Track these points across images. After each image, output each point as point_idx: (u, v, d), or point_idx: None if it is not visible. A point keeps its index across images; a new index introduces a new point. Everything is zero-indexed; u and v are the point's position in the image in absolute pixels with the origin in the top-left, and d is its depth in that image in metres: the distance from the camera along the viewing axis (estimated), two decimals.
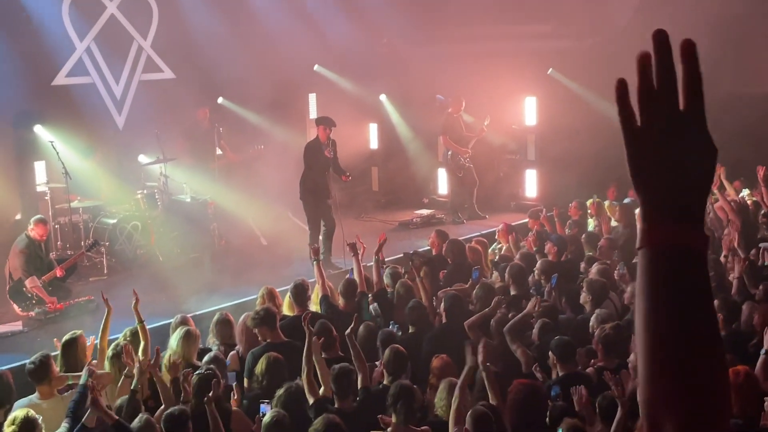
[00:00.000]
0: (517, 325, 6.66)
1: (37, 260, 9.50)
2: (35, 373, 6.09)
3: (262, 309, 7.03)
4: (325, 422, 5.15)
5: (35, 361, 6.11)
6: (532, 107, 13.80)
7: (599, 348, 6.33)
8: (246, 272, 10.45)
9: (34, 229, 9.44)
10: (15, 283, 9.34)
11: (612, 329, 6.37)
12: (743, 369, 5.23)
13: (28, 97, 11.21)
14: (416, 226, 13.16)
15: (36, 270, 9.40)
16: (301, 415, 5.50)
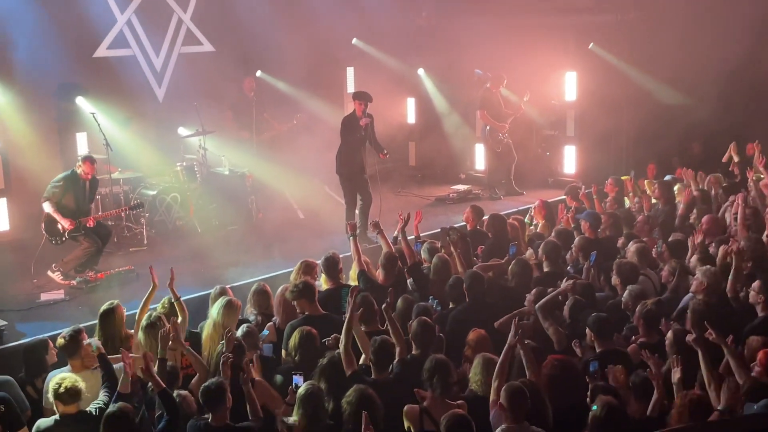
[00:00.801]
0: (549, 304, 6.63)
1: (73, 194, 9.49)
2: (66, 348, 6.20)
3: (300, 282, 7.08)
4: (358, 394, 5.19)
5: (66, 336, 6.22)
6: (573, 82, 13.63)
7: (641, 323, 6.29)
8: (283, 245, 10.53)
9: (81, 165, 9.50)
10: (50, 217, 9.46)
11: (654, 304, 6.33)
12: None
13: (70, 69, 11.32)
14: (452, 201, 13.13)
15: (72, 205, 9.46)
16: (340, 385, 5.53)
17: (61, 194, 9.42)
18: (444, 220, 11.20)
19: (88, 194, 9.72)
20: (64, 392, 5.46)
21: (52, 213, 9.36)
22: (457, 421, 4.62)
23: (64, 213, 9.39)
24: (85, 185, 9.63)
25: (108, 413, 5.08)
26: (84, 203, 9.64)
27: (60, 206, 9.39)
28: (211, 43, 13.16)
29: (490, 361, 5.55)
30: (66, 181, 9.51)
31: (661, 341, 6.10)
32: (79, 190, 9.56)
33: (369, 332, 6.37)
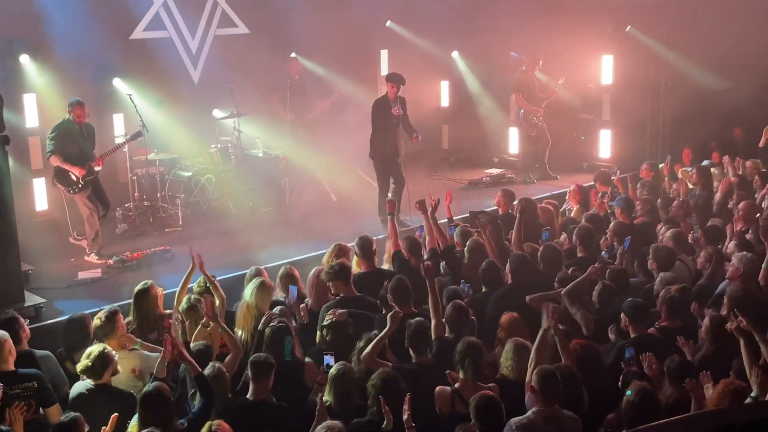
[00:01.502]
0: (577, 289, 6.60)
1: (72, 141, 9.60)
2: (102, 329, 6.28)
3: (337, 263, 7.10)
4: (382, 377, 5.22)
5: (102, 317, 6.30)
6: (609, 66, 13.46)
7: (663, 309, 6.27)
8: (315, 227, 10.58)
9: (72, 111, 9.61)
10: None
11: (678, 291, 6.30)
12: None
13: (107, 50, 11.42)
14: (486, 185, 13.08)
15: (76, 150, 9.59)
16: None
17: (62, 144, 9.54)
18: (476, 204, 11.17)
19: (87, 138, 9.81)
20: (95, 360, 5.57)
21: (62, 165, 9.52)
22: (487, 403, 4.64)
23: (72, 162, 9.54)
24: (81, 130, 9.73)
25: (145, 392, 5.15)
26: (86, 147, 9.74)
27: (66, 156, 9.53)
28: (246, 26, 13.18)
29: (521, 346, 5.55)
30: (60, 130, 9.62)
31: (684, 327, 6.07)
32: (76, 136, 9.67)
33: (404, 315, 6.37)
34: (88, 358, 5.62)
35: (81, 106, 9.62)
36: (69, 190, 9.66)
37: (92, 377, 5.63)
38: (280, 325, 6.03)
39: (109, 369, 5.66)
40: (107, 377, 5.66)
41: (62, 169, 9.54)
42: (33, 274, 8.99)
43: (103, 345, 5.80)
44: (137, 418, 5.11)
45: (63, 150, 9.53)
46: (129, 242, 10.20)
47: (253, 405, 5.44)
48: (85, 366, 5.62)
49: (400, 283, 6.63)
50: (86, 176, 9.62)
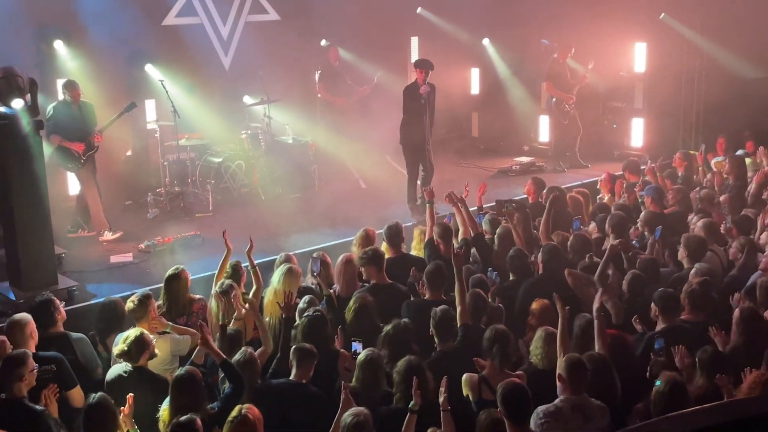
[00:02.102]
0: (604, 271, 6.57)
1: (69, 120, 9.75)
2: (135, 312, 6.33)
3: (371, 249, 7.12)
4: (407, 364, 5.24)
5: (135, 300, 6.35)
6: (642, 53, 13.31)
7: (685, 302, 6.21)
8: (344, 214, 10.59)
9: (66, 92, 9.77)
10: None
11: (699, 285, 6.24)
12: None
13: (139, 36, 11.50)
14: (515, 173, 13.01)
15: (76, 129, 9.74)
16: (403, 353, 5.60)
17: (60, 123, 9.68)
18: (506, 192, 11.12)
19: (86, 117, 9.93)
20: (132, 344, 5.64)
21: (62, 143, 9.66)
22: (514, 391, 4.63)
23: (71, 140, 9.69)
24: (79, 109, 9.86)
25: (178, 376, 5.21)
26: (84, 126, 9.87)
27: (66, 136, 9.67)
28: (277, 12, 13.21)
29: (551, 334, 5.53)
30: (56, 111, 9.78)
31: (707, 322, 6.01)
32: (73, 115, 9.80)
33: (433, 301, 6.38)
34: (124, 343, 5.69)
35: (74, 87, 9.79)
36: (74, 167, 9.81)
37: (129, 361, 5.69)
38: (317, 315, 6.03)
39: (146, 353, 5.72)
40: (143, 361, 5.72)
41: (63, 147, 9.69)
42: (66, 257, 9.12)
43: (140, 329, 5.87)
44: (169, 402, 5.18)
45: (62, 130, 9.68)
46: (160, 227, 10.29)
47: (292, 387, 5.47)
48: (121, 350, 5.68)
49: (437, 269, 6.65)
50: (86, 151, 9.78)
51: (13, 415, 5.22)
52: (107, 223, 9.93)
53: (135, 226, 10.35)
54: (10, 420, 5.18)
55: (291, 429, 5.26)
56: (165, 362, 6.24)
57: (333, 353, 5.98)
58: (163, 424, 5.14)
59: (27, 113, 7.74)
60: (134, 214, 10.94)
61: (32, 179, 7.87)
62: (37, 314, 6.30)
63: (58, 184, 10.42)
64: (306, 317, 6.01)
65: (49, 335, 6.17)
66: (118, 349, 5.75)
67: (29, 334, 5.93)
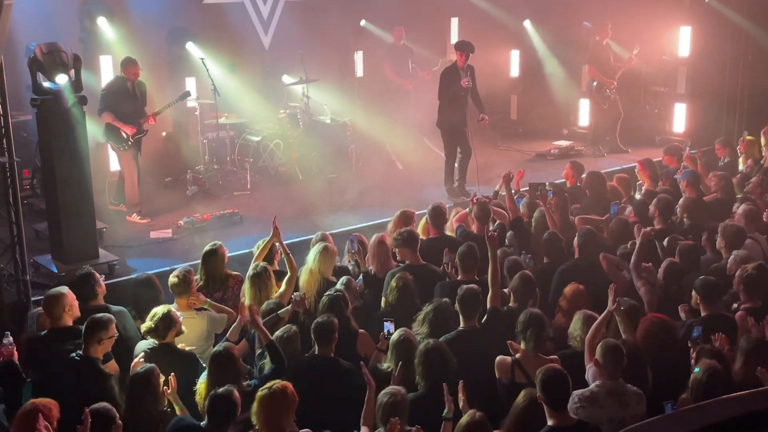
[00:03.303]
0: (640, 260, 6.52)
1: (124, 99, 9.81)
2: (177, 287, 6.39)
3: (406, 230, 7.13)
4: (428, 347, 5.24)
5: (179, 275, 6.41)
6: (686, 37, 13.08)
7: (741, 288, 6.12)
8: (381, 195, 10.62)
9: (126, 69, 9.80)
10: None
11: (755, 269, 6.13)
12: None
13: (180, 14, 11.61)
14: (554, 157, 12.91)
15: (128, 108, 9.80)
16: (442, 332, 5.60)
17: (114, 101, 9.75)
18: (543, 176, 11.00)
19: (140, 97, 9.98)
20: (159, 321, 5.71)
21: (113, 122, 9.72)
22: (555, 375, 4.60)
23: (123, 120, 9.75)
24: (134, 88, 9.90)
25: (215, 352, 5.31)
26: (137, 106, 9.93)
27: (117, 114, 9.74)
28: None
29: (590, 317, 5.50)
30: (112, 88, 9.86)
31: (765, 306, 5.92)
32: (128, 95, 9.85)
33: (465, 281, 6.39)
34: (152, 320, 5.77)
35: (135, 65, 9.80)
36: (119, 147, 9.89)
37: (156, 338, 5.76)
38: (338, 293, 6.09)
39: (173, 330, 5.77)
40: (170, 338, 5.78)
41: (113, 126, 9.76)
42: (107, 232, 9.26)
43: (167, 307, 5.94)
44: (206, 377, 5.26)
45: (115, 108, 9.75)
46: (198, 204, 10.40)
47: (321, 361, 5.53)
48: (148, 327, 5.76)
49: (470, 249, 6.66)
50: (136, 134, 9.84)
51: (87, 373, 5.46)
52: (139, 206, 10.02)
53: (174, 203, 10.48)
54: (84, 377, 5.45)
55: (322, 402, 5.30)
56: (201, 338, 6.31)
57: (352, 332, 6.01)
58: (200, 396, 5.23)
59: (71, 89, 7.85)
60: (173, 191, 11.06)
61: (75, 154, 8.00)
62: (78, 287, 6.41)
63: (101, 159, 10.56)
64: (327, 296, 6.07)
65: (90, 308, 6.28)
66: (145, 326, 5.83)
67: (65, 308, 6.04)
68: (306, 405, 4.94)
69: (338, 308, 5.96)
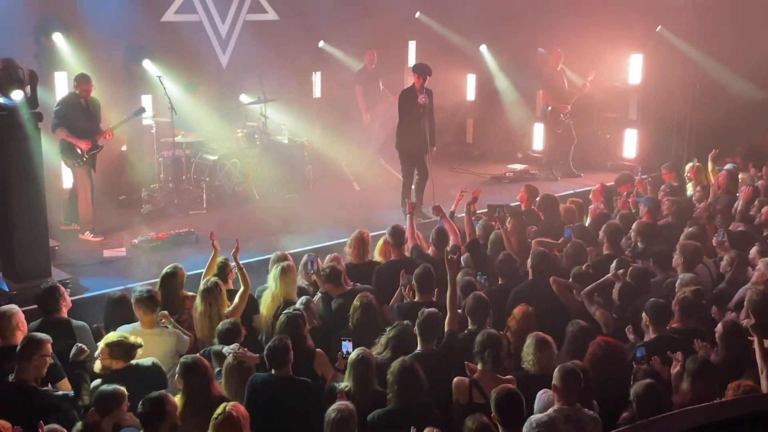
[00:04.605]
0: (595, 291, 6.66)
1: (76, 113, 9.73)
2: (143, 303, 6.31)
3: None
4: (401, 365, 5.27)
5: (144, 292, 6.35)
6: (638, 65, 13.42)
7: (676, 309, 6.28)
8: (338, 215, 10.65)
9: (79, 85, 9.72)
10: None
11: (692, 293, 6.30)
12: None
13: (138, 32, 11.54)
14: (509, 180, 13.08)
15: (82, 124, 9.72)
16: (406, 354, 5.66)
17: (68, 117, 9.67)
18: (499, 199, 11.12)
19: (94, 113, 9.90)
20: (114, 346, 5.64)
21: (67, 138, 9.64)
22: (508, 396, 4.66)
23: (78, 136, 9.67)
24: (87, 105, 9.83)
25: (184, 362, 5.29)
26: (91, 122, 9.85)
27: (71, 129, 9.65)
28: (276, 12, 13.25)
29: (543, 340, 5.56)
30: (66, 104, 9.77)
31: (696, 330, 6.08)
32: (82, 111, 9.78)
33: (422, 303, 6.43)
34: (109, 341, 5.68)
35: (87, 81, 9.73)
36: (74, 163, 9.77)
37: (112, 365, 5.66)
38: (295, 312, 6.08)
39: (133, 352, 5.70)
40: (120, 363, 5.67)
41: (67, 141, 9.67)
42: (59, 250, 9.12)
43: (119, 334, 5.83)
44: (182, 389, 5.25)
45: (69, 123, 9.66)
46: (153, 223, 10.31)
47: (278, 379, 5.49)
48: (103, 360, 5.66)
49: (426, 271, 6.71)
50: (91, 150, 9.75)
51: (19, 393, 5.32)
52: (92, 223, 9.90)
53: (129, 221, 10.35)
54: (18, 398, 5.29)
55: (281, 422, 5.28)
56: (168, 356, 6.19)
57: (308, 352, 6.00)
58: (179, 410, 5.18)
59: (26, 105, 7.76)
60: (128, 209, 10.96)
61: (29, 171, 7.88)
62: (43, 301, 6.38)
63: (53, 176, 10.40)
64: (285, 314, 6.07)
65: (53, 320, 6.21)
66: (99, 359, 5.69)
67: (16, 326, 5.93)
68: (264, 425, 4.91)
69: (295, 327, 5.96)
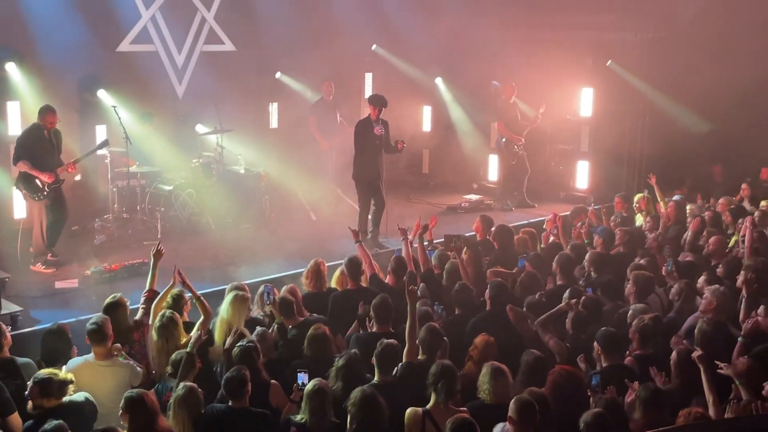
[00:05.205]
0: (549, 320, 6.76)
1: (40, 146, 9.59)
2: (95, 334, 6.22)
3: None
4: (361, 395, 5.28)
5: (97, 322, 6.26)
6: (589, 98, 13.71)
7: (636, 337, 6.40)
8: (294, 245, 10.64)
9: (45, 117, 9.57)
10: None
11: (651, 320, 6.44)
12: None
13: (93, 61, 11.48)
14: (464, 210, 13.21)
15: (46, 157, 9.58)
16: (359, 382, 5.67)
17: (31, 150, 9.53)
18: (454, 229, 11.22)
19: (56, 146, 9.79)
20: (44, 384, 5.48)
21: (29, 170, 9.48)
22: (463, 426, 4.68)
23: (40, 168, 9.52)
24: (50, 137, 9.70)
25: (128, 397, 5.21)
26: (55, 155, 9.74)
27: (34, 162, 9.50)
28: (233, 43, 13.29)
29: (498, 369, 5.61)
30: (29, 135, 9.63)
31: (654, 355, 6.20)
32: (45, 143, 9.64)
33: (380, 333, 6.46)
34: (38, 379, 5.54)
35: (53, 113, 9.61)
36: (34, 196, 9.62)
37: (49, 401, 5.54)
38: (249, 345, 6.06)
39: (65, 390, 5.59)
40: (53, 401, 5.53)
41: (29, 174, 9.52)
42: (9, 282, 8.95)
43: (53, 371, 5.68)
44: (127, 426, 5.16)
45: (32, 156, 9.52)
46: (107, 254, 10.19)
47: (234, 412, 5.46)
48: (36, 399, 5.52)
49: (384, 301, 6.74)
50: (52, 184, 9.62)
51: None
52: (45, 255, 9.75)
53: (82, 252, 10.21)
54: None
55: None
56: (121, 390, 6.01)
57: (263, 384, 5.97)
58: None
59: None
60: (81, 239, 10.82)
61: None
62: None
63: (5, 207, 10.26)
64: (239, 347, 6.04)
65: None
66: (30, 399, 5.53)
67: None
68: None
69: (250, 359, 5.92)
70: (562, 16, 13.62)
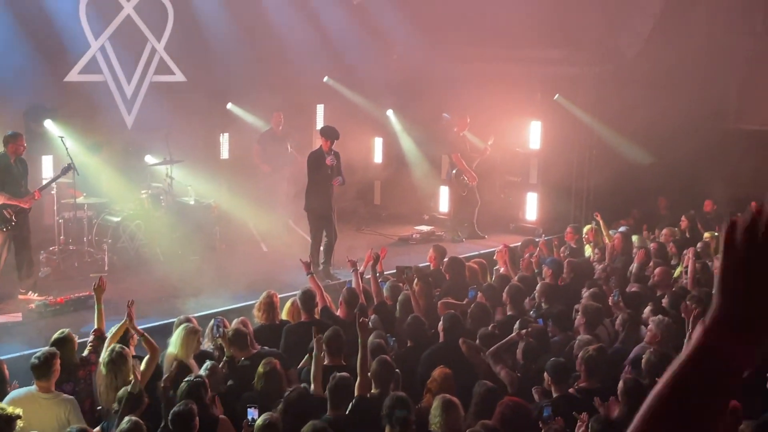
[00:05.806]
0: (501, 351, 6.81)
1: (9, 175, 9.46)
2: (38, 369, 6.08)
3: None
4: (312, 429, 5.23)
5: (41, 357, 6.11)
6: (537, 131, 13.94)
7: (582, 369, 6.46)
8: (245, 277, 10.53)
9: (13, 144, 9.45)
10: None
11: (596, 351, 6.50)
12: None
13: (40, 91, 11.35)
14: (415, 241, 13.27)
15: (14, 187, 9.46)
16: (308, 417, 5.59)
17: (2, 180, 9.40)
18: (406, 260, 11.31)
19: (24, 173, 9.69)
20: None
21: (7, 201, 9.36)
22: None
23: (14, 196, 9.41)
24: (17, 165, 9.59)
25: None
26: (22, 184, 9.63)
27: (7, 192, 9.38)
28: (183, 74, 13.25)
29: (449, 402, 5.62)
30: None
31: (602, 388, 6.27)
32: (12, 172, 9.52)
33: (332, 366, 6.42)
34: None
35: (21, 137, 9.51)
36: (2, 227, 9.42)
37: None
38: (197, 380, 5.97)
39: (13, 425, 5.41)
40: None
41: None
42: None
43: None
44: None
45: (2, 185, 9.36)
46: (52, 287, 9.97)
47: None
48: None
49: (336, 334, 6.71)
50: (20, 213, 9.45)
51: None
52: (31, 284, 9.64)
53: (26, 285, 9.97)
54: None
55: None
56: (61, 426, 5.91)
57: (212, 419, 5.88)
58: None
59: None
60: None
61: None
62: None
63: None
64: (186, 382, 5.95)
65: None
66: None
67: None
68: None
69: (197, 395, 5.82)
70: (511, 50, 13.88)
